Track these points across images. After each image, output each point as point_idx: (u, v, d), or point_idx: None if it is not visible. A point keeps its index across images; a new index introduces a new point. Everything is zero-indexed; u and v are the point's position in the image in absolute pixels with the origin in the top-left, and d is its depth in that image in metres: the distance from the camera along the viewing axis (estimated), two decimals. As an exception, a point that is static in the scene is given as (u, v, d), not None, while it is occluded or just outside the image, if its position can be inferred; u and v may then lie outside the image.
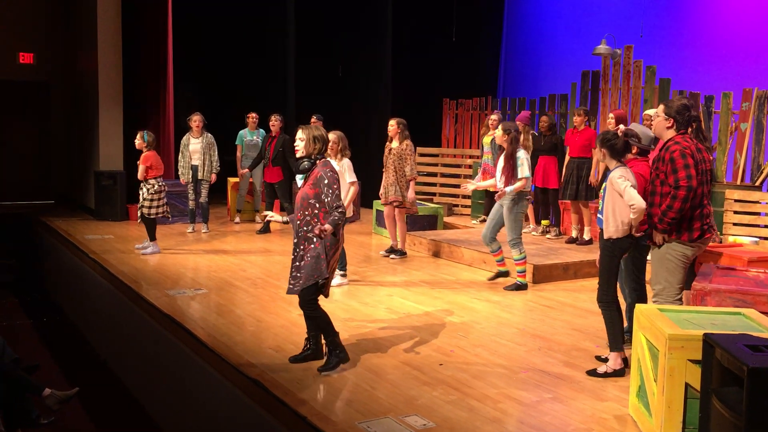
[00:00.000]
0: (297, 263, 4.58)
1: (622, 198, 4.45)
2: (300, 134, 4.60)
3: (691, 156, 4.32)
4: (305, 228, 4.54)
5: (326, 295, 4.69)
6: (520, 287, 6.95)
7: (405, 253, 8.50)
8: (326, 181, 4.47)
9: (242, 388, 4.54)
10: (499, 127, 6.96)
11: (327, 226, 4.41)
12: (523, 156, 6.81)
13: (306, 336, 4.80)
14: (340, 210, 4.45)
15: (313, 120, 10.20)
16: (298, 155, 4.61)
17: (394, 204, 8.21)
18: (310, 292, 4.54)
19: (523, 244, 6.93)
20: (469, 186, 7.42)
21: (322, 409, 4.02)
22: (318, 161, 4.59)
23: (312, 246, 4.51)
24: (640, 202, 4.39)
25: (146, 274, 7.31)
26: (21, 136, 12.94)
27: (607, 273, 4.58)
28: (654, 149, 5.10)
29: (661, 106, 4.56)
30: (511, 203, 6.79)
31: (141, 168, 8.16)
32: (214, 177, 9.60)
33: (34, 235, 11.32)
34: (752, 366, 2.67)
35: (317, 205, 4.50)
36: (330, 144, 6.48)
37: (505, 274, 7.21)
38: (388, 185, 8.20)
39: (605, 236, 4.55)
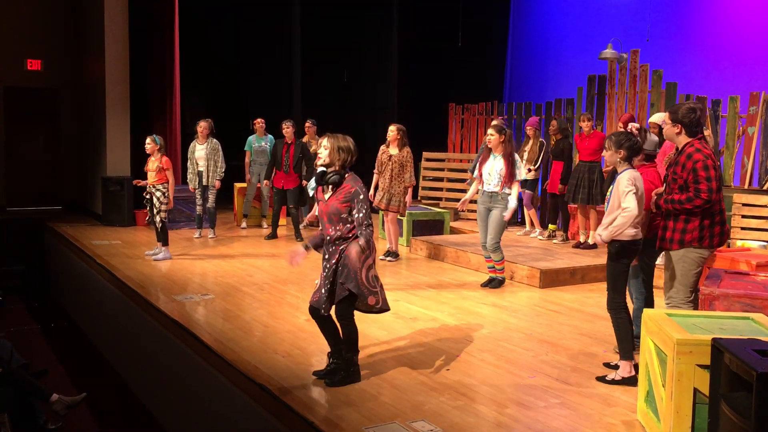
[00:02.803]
0: (332, 278, 4.40)
1: (622, 196, 4.45)
2: (325, 142, 4.44)
3: (713, 167, 4.35)
4: (337, 243, 4.39)
5: (380, 305, 4.46)
6: (501, 282, 7.25)
7: (398, 255, 8.65)
8: (361, 197, 4.34)
9: (249, 393, 4.54)
10: (491, 130, 6.99)
11: (358, 247, 4.29)
12: (518, 158, 7.04)
13: (328, 351, 4.63)
14: (369, 225, 4.35)
15: (307, 124, 10.22)
16: (319, 162, 4.46)
17: (389, 210, 8.30)
18: (346, 302, 4.40)
19: (501, 246, 7.15)
20: (465, 199, 7.39)
21: (329, 414, 4.01)
22: (347, 174, 4.41)
23: (346, 259, 4.36)
24: (633, 210, 4.36)
25: (153, 279, 7.33)
26: (30, 142, 13.00)
27: (614, 279, 4.54)
28: (659, 152, 5.10)
29: (667, 114, 4.56)
30: (504, 208, 6.94)
31: (169, 173, 8.15)
32: (218, 183, 9.59)
33: (42, 241, 11.37)
34: (761, 371, 2.66)
35: (350, 219, 4.36)
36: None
37: (503, 281, 7.31)
38: (384, 191, 8.26)
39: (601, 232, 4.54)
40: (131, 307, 6.90)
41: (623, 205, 4.39)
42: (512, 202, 6.93)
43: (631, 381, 4.45)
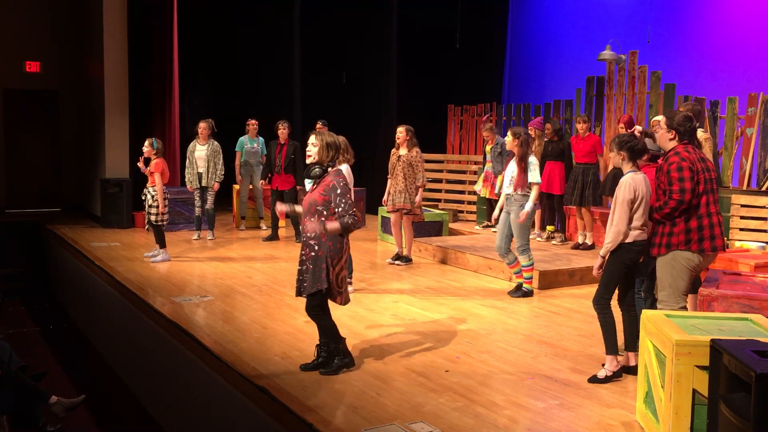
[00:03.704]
0: (301, 267, 4.59)
1: (616, 204, 4.49)
2: (313, 140, 4.55)
3: (688, 169, 4.35)
4: (309, 234, 4.53)
5: (344, 303, 4.65)
6: (526, 294, 6.94)
7: (411, 260, 8.50)
8: (338, 191, 4.41)
9: (248, 395, 4.54)
10: (508, 132, 6.94)
11: (334, 225, 4.40)
12: (534, 161, 6.82)
13: (317, 343, 4.76)
14: (352, 214, 4.44)
15: (318, 125, 10.22)
16: (309, 161, 4.55)
17: (403, 211, 8.22)
18: (315, 299, 4.54)
19: (530, 250, 6.93)
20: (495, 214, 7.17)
21: (329, 416, 4.01)
22: (330, 168, 4.52)
23: (314, 253, 4.49)
24: (619, 231, 4.43)
25: (152, 281, 7.33)
26: (29, 144, 12.99)
27: (608, 277, 4.58)
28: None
29: (663, 118, 4.57)
30: (520, 209, 6.77)
31: (157, 176, 8.11)
32: (216, 185, 9.58)
33: (42, 243, 11.36)
34: (760, 372, 2.66)
35: (324, 212, 4.46)
36: None
37: (529, 292, 7.01)
38: (396, 192, 8.19)
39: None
40: (130, 308, 6.90)
41: (613, 220, 4.47)
42: (527, 206, 6.67)
43: (617, 374, 4.57)
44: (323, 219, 4.45)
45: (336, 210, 4.44)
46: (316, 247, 4.48)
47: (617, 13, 12.53)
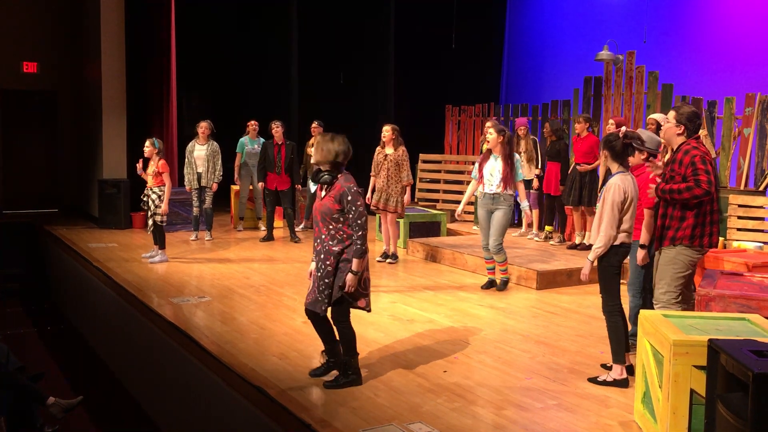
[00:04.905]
0: (326, 280, 4.37)
1: (606, 206, 4.47)
2: (337, 146, 4.38)
3: (711, 164, 4.36)
4: (330, 242, 4.36)
5: (367, 307, 4.51)
6: (506, 283, 7.25)
7: (397, 257, 8.58)
8: (350, 198, 4.30)
9: (246, 395, 4.53)
10: (491, 130, 6.95)
11: (355, 262, 4.28)
12: (519, 159, 7.07)
13: (322, 350, 4.65)
14: (360, 234, 4.30)
15: (314, 125, 10.21)
16: (313, 160, 4.46)
17: (387, 210, 8.28)
18: (343, 305, 4.40)
19: (504, 248, 7.13)
20: (459, 210, 7.30)
21: (326, 416, 4.01)
22: (340, 175, 4.39)
23: (336, 259, 4.36)
24: (610, 235, 4.40)
25: (150, 282, 7.32)
26: (27, 145, 12.96)
27: (604, 282, 4.56)
28: (660, 152, 5.10)
29: (672, 113, 4.55)
30: (507, 209, 6.91)
31: (166, 176, 8.09)
32: (215, 186, 9.59)
33: (40, 244, 11.35)
34: (757, 371, 2.67)
35: (341, 219, 4.34)
36: None
37: (494, 282, 7.32)
38: (380, 191, 8.22)
39: (592, 241, 4.56)
40: (128, 309, 6.89)
41: (602, 222, 4.44)
42: (524, 204, 7.07)
43: (622, 383, 4.48)
44: (349, 267, 4.29)
45: (348, 216, 4.32)
46: (336, 250, 4.36)
47: (614, 13, 12.54)
